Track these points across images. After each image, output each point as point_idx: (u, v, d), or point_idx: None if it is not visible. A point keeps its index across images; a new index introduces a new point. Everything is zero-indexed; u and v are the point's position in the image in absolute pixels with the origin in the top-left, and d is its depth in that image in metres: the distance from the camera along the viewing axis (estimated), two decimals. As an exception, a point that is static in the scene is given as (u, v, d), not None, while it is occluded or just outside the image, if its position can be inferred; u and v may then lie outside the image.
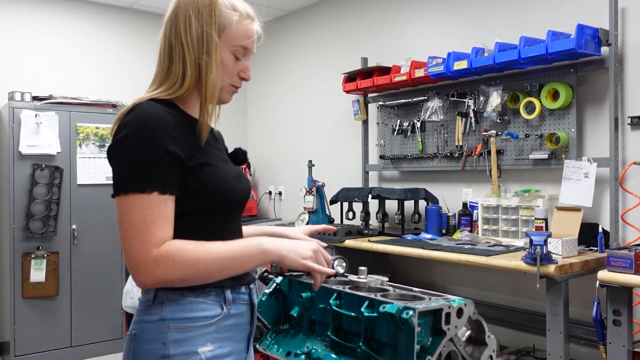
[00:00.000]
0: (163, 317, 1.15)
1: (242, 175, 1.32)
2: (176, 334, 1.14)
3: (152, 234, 1.08)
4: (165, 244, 1.10)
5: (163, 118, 1.13)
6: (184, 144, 1.14)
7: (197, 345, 1.15)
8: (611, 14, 2.61)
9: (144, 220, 1.08)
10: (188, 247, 1.11)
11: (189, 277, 1.10)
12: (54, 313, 3.79)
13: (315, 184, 3.77)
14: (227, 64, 1.23)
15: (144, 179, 1.09)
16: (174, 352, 1.13)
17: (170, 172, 1.11)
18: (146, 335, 1.16)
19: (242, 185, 1.28)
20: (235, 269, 1.15)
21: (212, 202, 1.19)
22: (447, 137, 3.35)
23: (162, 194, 1.10)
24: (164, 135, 1.11)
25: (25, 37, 4.19)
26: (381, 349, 1.10)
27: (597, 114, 2.77)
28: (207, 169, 1.18)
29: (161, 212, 1.10)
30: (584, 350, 2.80)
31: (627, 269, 2.08)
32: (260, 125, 5.03)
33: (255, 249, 1.16)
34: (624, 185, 2.63)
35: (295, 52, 4.65)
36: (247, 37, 1.25)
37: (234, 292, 1.23)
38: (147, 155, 1.09)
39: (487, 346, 1.13)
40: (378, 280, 1.27)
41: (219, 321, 1.19)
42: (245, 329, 1.27)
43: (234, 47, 1.23)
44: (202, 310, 1.17)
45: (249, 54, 1.28)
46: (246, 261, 1.15)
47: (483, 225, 3.02)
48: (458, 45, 3.23)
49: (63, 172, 3.83)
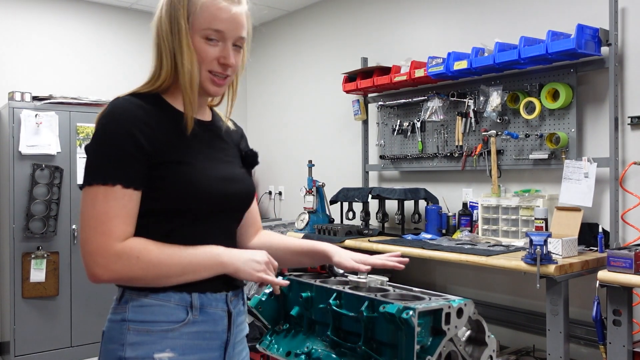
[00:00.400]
0: (125, 318, 1.14)
1: (238, 179, 1.27)
2: (134, 336, 1.12)
3: (114, 227, 1.08)
4: (129, 239, 1.09)
5: (132, 112, 1.12)
6: (154, 139, 1.12)
7: (155, 350, 1.12)
8: (611, 14, 2.61)
9: (107, 212, 1.08)
10: (153, 247, 1.11)
11: (149, 277, 1.10)
12: (54, 313, 3.79)
13: (315, 184, 3.77)
14: (200, 50, 1.17)
15: (107, 171, 1.09)
16: (130, 354, 1.11)
17: (135, 166, 1.10)
18: (110, 335, 1.15)
19: (228, 188, 1.22)
20: (192, 276, 1.14)
21: (180, 202, 1.15)
22: (447, 137, 3.35)
23: (125, 188, 1.09)
24: (131, 129, 1.10)
25: (25, 37, 4.19)
26: (381, 349, 1.10)
27: (597, 114, 2.77)
28: (177, 167, 1.14)
29: (124, 206, 1.09)
30: (584, 350, 2.80)
31: (627, 269, 2.08)
32: (260, 125, 5.02)
33: (213, 260, 1.16)
34: (624, 185, 2.63)
35: (295, 52, 4.65)
36: (216, 18, 1.16)
37: (203, 297, 1.18)
38: (112, 149, 1.10)
39: (487, 346, 1.13)
40: (378, 280, 1.27)
41: (182, 327, 1.15)
42: (220, 338, 1.21)
43: (204, 30, 1.16)
44: (164, 314, 1.14)
45: (227, 37, 1.18)
46: (203, 270, 1.14)
47: (483, 225, 3.02)
48: (458, 45, 3.23)
49: (63, 172, 3.82)
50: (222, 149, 1.28)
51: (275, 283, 1.19)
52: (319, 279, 1.33)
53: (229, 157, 1.29)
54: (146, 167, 1.12)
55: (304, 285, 1.31)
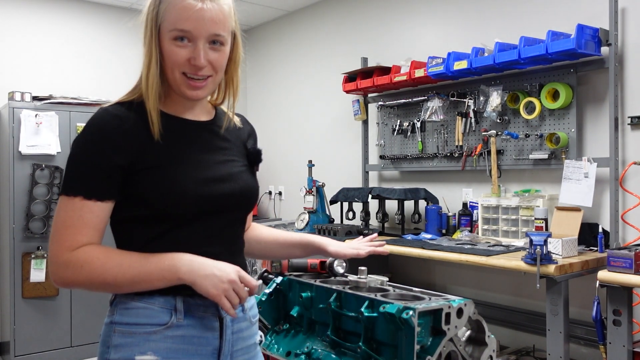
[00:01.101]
0: (113, 320, 1.15)
1: (231, 178, 1.23)
2: (119, 338, 1.13)
3: (67, 236, 1.10)
4: (80, 248, 1.10)
5: (106, 125, 1.13)
6: (129, 149, 1.12)
7: (136, 352, 1.11)
8: (611, 14, 2.61)
9: (64, 222, 1.11)
10: (99, 256, 1.10)
11: (96, 285, 1.10)
12: (54, 313, 3.79)
13: (315, 184, 3.77)
14: (170, 52, 1.14)
15: (71, 183, 1.12)
16: (114, 356, 1.12)
17: (100, 179, 1.11)
18: (102, 337, 1.17)
19: (216, 189, 1.18)
20: (146, 286, 1.11)
21: (158, 207, 1.13)
22: (447, 137, 3.35)
23: (85, 199, 1.10)
24: (101, 143, 1.11)
25: (25, 37, 4.19)
26: (381, 349, 1.10)
27: (597, 114, 2.77)
28: (155, 172, 1.13)
29: (81, 217, 1.10)
30: (584, 350, 2.80)
31: (627, 269, 2.08)
32: (260, 125, 5.02)
33: (167, 271, 1.09)
34: (624, 185, 2.63)
35: (295, 52, 4.65)
36: (180, 18, 1.12)
37: (190, 301, 1.15)
38: (79, 161, 1.12)
39: (487, 346, 1.13)
40: (378, 280, 1.27)
41: (165, 330, 1.13)
42: (211, 344, 1.17)
43: (171, 32, 1.14)
44: (148, 316, 1.13)
45: (197, 36, 1.13)
46: (156, 280, 1.10)
47: (483, 225, 3.02)
48: (458, 45, 3.23)
49: (63, 172, 3.82)
50: (221, 148, 1.26)
51: (227, 310, 1.09)
52: (319, 279, 1.33)
53: (229, 155, 1.27)
54: (118, 177, 1.12)
55: (304, 285, 1.31)
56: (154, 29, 1.16)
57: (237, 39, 1.24)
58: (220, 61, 1.18)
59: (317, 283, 1.28)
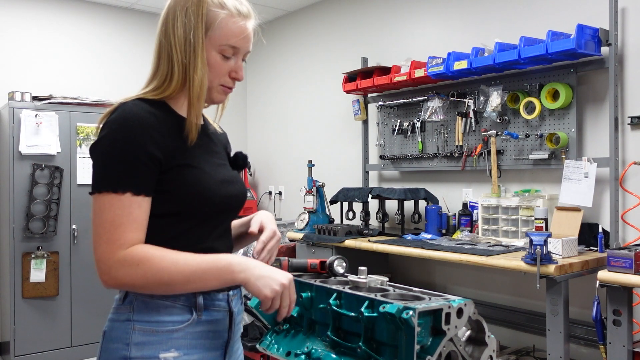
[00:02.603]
0: (130, 317, 1.15)
1: (234, 180, 1.29)
2: (140, 336, 1.13)
3: (119, 234, 1.08)
4: (133, 247, 1.08)
5: (144, 119, 1.12)
6: (165, 146, 1.13)
7: (160, 350, 1.13)
8: (611, 14, 2.61)
9: (113, 220, 1.08)
10: (155, 253, 1.08)
11: (151, 284, 1.08)
12: (54, 313, 3.79)
13: (315, 184, 3.77)
14: (214, 64, 1.19)
15: (118, 179, 1.09)
16: (136, 354, 1.12)
17: (146, 173, 1.11)
18: (113, 334, 1.16)
19: (229, 190, 1.24)
20: (199, 285, 1.10)
21: (187, 204, 1.15)
22: (447, 137, 3.35)
23: (135, 195, 1.09)
24: (143, 136, 1.10)
25: (25, 37, 4.19)
26: (381, 349, 1.10)
27: (597, 114, 2.77)
28: (186, 170, 1.16)
29: (131, 214, 1.09)
30: (584, 350, 2.80)
31: (627, 269, 2.08)
32: (260, 125, 5.02)
33: (223, 269, 1.10)
34: (624, 185, 2.63)
35: (295, 52, 4.65)
36: (234, 36, 1.19)
37: (207, 297, 1.19)
38: (124, 156, 1.09)
39: (487, 346, 1.13)
40: (378, 280, 1.27)
41: (187, 327, 1.16)
42: (222, 337, 1.23)
43: (221, 46, 1.18)
44: (169, 314, 1.15)
45: (240, 52, 1.22)
46: (211, 279, 1.10)
47: (483, 225, 3.02)
48: (458, 45, 3.23)
49: (63, 172, 3.82)
50: (216, 152, 1.30)
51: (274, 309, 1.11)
52: (319, 279, 1.33)
53: (222, 159, 1.31)
54: (156, 173, 1.13)
55: (304, 285, 1.31)
56: (203, 41, 1.17)
57: None
58: None
59: (317, 283, 1.28)
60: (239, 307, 1.30)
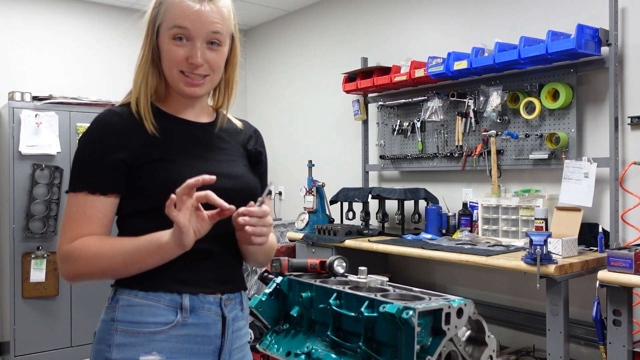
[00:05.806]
0: (114, 318, 1.14)
1: (233, 176, 1.23)
2: (121, 337, 1.12)
3: (67, 230, 1.13)
4: (76, 240, 1.12)
5: (109, 124, 1.17)
6: (131, 143, 1.16)
7: (140, 353, 1.10)
8: (611, 14, 2.61)
9: (68, 217, 1.15)
10: (93, 242, 1.11)
11: (95, 273, 1.12)
12: (54, 313, 3.79)
13: (315, 184, 3.77)
14: (168, 51, 1.18)
15: (76, 180, 1.15)
16: (116, 356, 1.11)
17: (102, 173, 1.14)
18: (100, 335, 1.16)
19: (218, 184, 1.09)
20: (138, 266, 1.11)
21: (160, 199, 1.07)
22: (447, 137, 3.35)
23: (90, 194, 1.13)
24: (105, 139, 1.15)
25: (25, 37, 4.19)
26: (381, 349, 1.10)
27: (597, 114, 2.77)
28: (159, 165, 1.15)
29: (84, 212, 1.13)
30: (584, 350, 2.80)
31: (627, 269, 2.08)
32: (260, 125, 4.99)
33: (154, 243, 1.09)
34: (624, 185, 2.63)
35: (295, 52, 4.65)
36: (179, 16, 1.15)
37: (195, 299, 1.16)
38: (85, 158, 1.16)
39: (487, 346, 1.13)
40: (378, 280, 1.27)
41: (171, 329, 1.13)
42: (213, 343, 1.18)
43: (170, 30, 1.17)
44: (153, 315, 1.12)
45: (195, 35, 1.16)
46: (146, 257, 1.09)
47: (483, 225, 3.02)
48: (458, 45, 3.23)
49: (63, 172, 3.82)
50: (221, 149, 1.28)
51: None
52: (319, 279, 1.33)
53: (230, 156, 1.28)
54: (122, 172, 1.15)
55: (304, 285, 1.31)
56: (153, 29, 1.20)
57: (236, 42, 1.26)
58: (217, 61, 1.20)
59: (317, 283, 1.28)
60: (237, 312, 1.25)
